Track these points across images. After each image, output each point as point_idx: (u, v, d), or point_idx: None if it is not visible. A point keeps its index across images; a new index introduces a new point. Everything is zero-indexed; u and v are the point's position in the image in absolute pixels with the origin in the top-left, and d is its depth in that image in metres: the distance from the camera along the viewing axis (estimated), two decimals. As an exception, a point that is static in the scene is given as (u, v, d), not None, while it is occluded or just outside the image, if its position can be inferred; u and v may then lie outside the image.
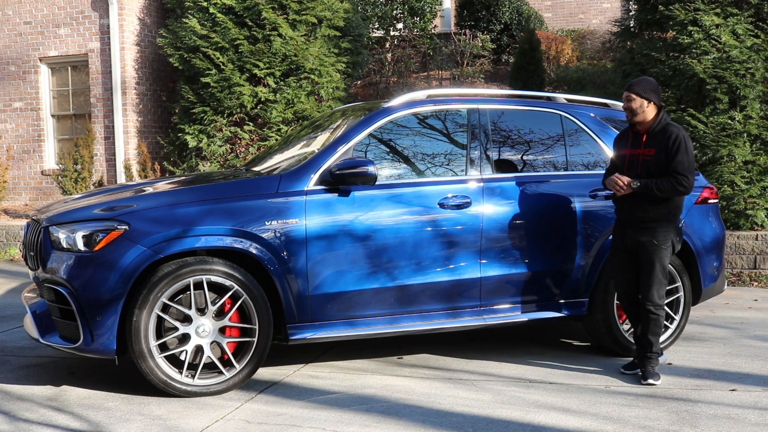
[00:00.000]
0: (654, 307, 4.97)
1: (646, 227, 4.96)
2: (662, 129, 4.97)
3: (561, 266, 5.40)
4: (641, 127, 5.03)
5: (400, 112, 5.30)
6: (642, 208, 4.95)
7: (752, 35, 9.00)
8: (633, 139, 5.08)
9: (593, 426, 4.16)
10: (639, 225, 4.98)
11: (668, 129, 4.96)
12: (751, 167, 8.92)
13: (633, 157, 5.02)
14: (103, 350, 4.52)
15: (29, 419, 4.29)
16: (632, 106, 4.98)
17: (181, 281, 4.56)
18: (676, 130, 4.95)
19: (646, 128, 5.01)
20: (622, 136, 5.25)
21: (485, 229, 5.20)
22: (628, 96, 5.01)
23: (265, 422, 4.22)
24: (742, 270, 8.73)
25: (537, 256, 5.36)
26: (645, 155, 4.96)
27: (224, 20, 10.57)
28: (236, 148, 10.93)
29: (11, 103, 12.42)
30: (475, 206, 5.19)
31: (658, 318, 4.99)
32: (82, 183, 11.00)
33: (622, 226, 5.09)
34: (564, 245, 5.41)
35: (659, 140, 4.94)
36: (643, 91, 4.97)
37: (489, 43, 15.38)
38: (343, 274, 4.89)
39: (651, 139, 4.98)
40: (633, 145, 5.05)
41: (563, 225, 5.42)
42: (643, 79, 5.09)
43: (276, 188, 4.87)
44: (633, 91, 5.00)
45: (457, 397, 4.67)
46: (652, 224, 4.95)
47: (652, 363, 5.00)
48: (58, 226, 4.66)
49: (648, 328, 5.00)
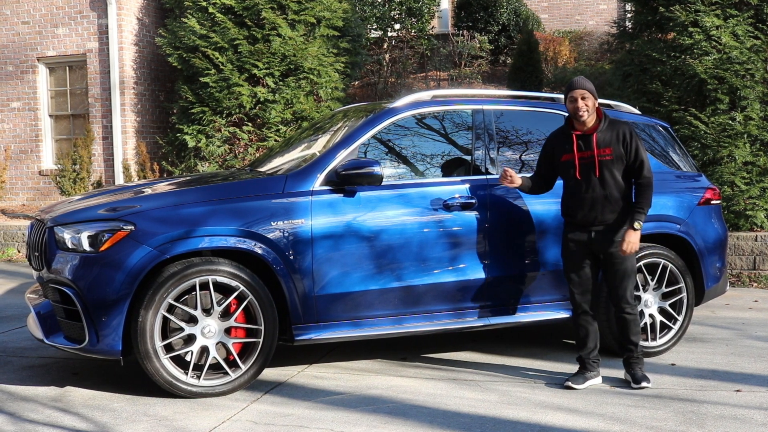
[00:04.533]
0: (630, 307, 4.89)
1: (612, 229, 4.80)
2: (610, 126, 4.81)
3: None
4: (587, 128, 4.82)
5: (405, 113, 5.30)
6: (605, 210, 4.78)
7: (752, 36, 9.04)
8: (579, 141, 4.80)
9: (601, 426, 4.16)
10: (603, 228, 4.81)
11: (616, 125, 4.82)
12: (750, 168, 8.95)
13: (586, 160, 4.79)
14: (109, 351, 4.51)
15: (34, 420, 4.27)
16: (588, 104, 4.75)
17: (187, 282, 4.55)
18: (625, 125, 4.82)
19: (595, 128, 4.81)
20: (557, 139, 4.94)
21: (489, 230, 5.20)
22: (583, 94, 4.72)
23: (272, 423, 4.21)
24: (741, 271, 8.75)
25: (541, 257, 5.36)
26: (601, 156, 4.76)
27: (223, 20, 10.56)
28: (235, 148, 10.91)
29: (9, 102, 12.37)
30: (480, 207, 5.19)
31: (635, 317, 4.92)
32: (81, 183, 10.96)
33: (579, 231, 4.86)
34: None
35: (610, 138, 4.76)
36: (593, 89, 4.79)
37: (487, 44, 15.39)
38: (349, 275, 4.89)
39: (602, 139, 4.78)
40: (582, 148, 4.80)
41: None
42: (585, 78, 4.86)
43: (282, 188, 4.86)
44: (587, 88, 4.75)
45: (463, 397, 4.66)
46: (619, 225, 4.81)
47: (640, 365, 4.94)
48: (63, 226, 4.64)
49: (629, 330, 4.91)
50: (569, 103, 4.82)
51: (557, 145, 4.95)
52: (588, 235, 4.86)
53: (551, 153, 4.99)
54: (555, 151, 4.96)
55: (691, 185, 5.97)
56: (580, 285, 4.93)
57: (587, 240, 4.87)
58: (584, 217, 4.85)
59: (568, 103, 4.84)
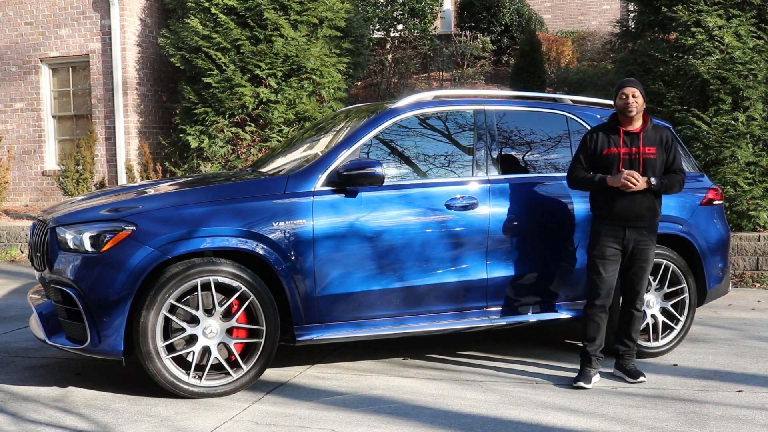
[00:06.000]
0: (641, 305, 5.09)
1: (644, 226, 4.95)
2: (654, 128, 5.03)
3: (567, 267, 5.40)
4: (634, 126, 4.97)
5: (407, 113, 5.30)
6: (642, 207, 4.92)
7: (755, 36, 9.02)
8: (625, 137, 4.96)
9: (602, 427, 4.16)
10: (638, 224, 4.94)
11: (659, 127, 5.08)
12: (753, 168, 8.93)
13: (631, 156, 4.93)
14: (111, 351, 4.51)
15: (36, 420, 4.28)
16: (638, 102, 4.92)
17: (189, 282, 4.55)
18: (667, 129, 5.12)
19: (642, 127, 4.98)
20: (601, 133, 5.02)
21: (492, 230, 5.20)
22: (634, 92, 4.93)
23: (274, 423, 4.21)
24: (744, 271, 8.73)
25: (543, 257, 5.36)
26: (646, 154, 4.93)
27: (226, 21, 10.57)
28: (238, 149, 10.92)
29: (12, 103, 12.40)
30: (482, 207, 5.19)
31: (642, 315, 5.14)
32: (84, 184, 10.97)
33: (614, 225, 4.94)
34: (570, 246, 5.41)
35: (654, 139, 4.97)
36: (643, 90, 4.99)
37: (489, 44, 15.38)
38: (350, 275, 4.89)
39: (648, 137, 4.97)
40: (627, 144, 4.95)
41: (569, 226, 5.41)
42: (636, 79, 5.08)
43: (283, 189, 4.86)
44: (638, 87, 4.96)
45: (465, 398, 4.66)
46: (650, 222, 4.98)
47: (634, 360, 5.10)
48: (65, 226, 4.65)
49: (633, 326, 5.09)
50: (619, 100, 4.97)
51: (600, 139, 5.03)
52: (622, 230, 4.95)
53: (593, 147, 5.03)
54: (598, 144, 5.02)
55: (693, 185, 5.96)
56: (605, 282, 4.97)
57: (621, 236, 4.95)
58: (622, 212, 4.93)
59: (618, 100, 4.98)
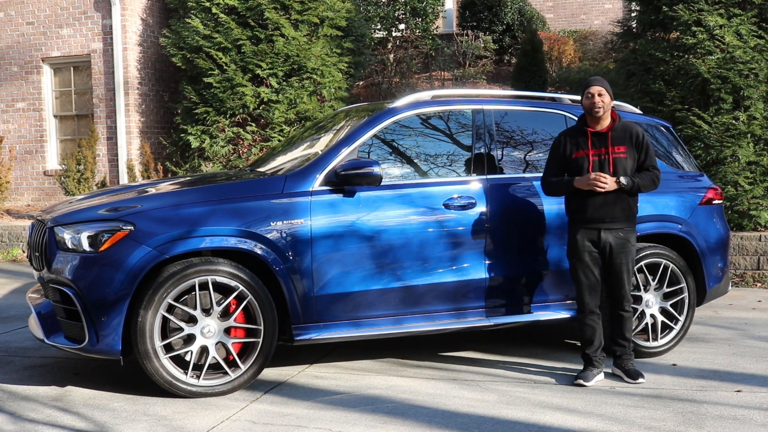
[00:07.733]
0: (629, 305, 5.02)
1: (618, 227, 4.88)
2: (624, 126, 4.94)
3: (566, 267, 5.39)
4: (601, 126, 4.90)
5: (405, 113, 5.30)
6: (615, 208, 4.86)
7: (756, 36, 9.01)
8: (593, 138, 4.89)
9: (599, 426, 4.15)
10: (613, 226, 4.87)
11: (628, 126, 4.96)
12: (754, 168, 8.92)
13: (600, 157, 4.86)
14: (109, 351, 4.52)
15: (34, 419, 4.29)
16: (604, 101, 4.83)
17: (187, 282, 4.55)
18: (637, 127, 4.99)
19: (610, 126, 4.90)
20: (569, 137, 4.97)
21: (490, 230, 5.20)
22: (600, 91, 4.82)
23: (271, 423, 4.21)
24: (745, 271, 8.72)
25: (542, 257, 5.36)
26: (616, 153, 4.85)
27: (227, 20, 10.58)
28: (239, 148, 10.93)
29: (14, 103, 12.42)
30: (480, 207, 5.19)
31: (632, 314, 5.09)
32: (85, 183, 10.99)
33: (588, 228, 4.89)
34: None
35: (624, 137, 4.88)
36: (609, 89, 4.88)
37: (491, 43, 15.38)
38: (349, 275, 4.89)
39: (616, 137, 4.88)
40: (596, 145, 4.88)
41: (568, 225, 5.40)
42: (602, 77, 4.98)
43: (281, 189, 4.86)
44: (604, 86, 4.85)
45: (463, 397, 4.66)
46: (625, 223, 4.91)
47: (632, 360, 5.07)
48: (63, 226, 4.65)
49: (625, 327, 5.02)
50: (585, 100, 4.89)
51: (569, 142, 4.98)
52: (597, 233, 4.89)
53: (563, 151, 4.99)
54: (567, 148, 4.98)
55: (692, 185, 5.96)
56: (589, 285, 4.95)
57: (596, 238, 4.89)
58: (595, 215, 4.88)
59: (584, 99, 4.91)
